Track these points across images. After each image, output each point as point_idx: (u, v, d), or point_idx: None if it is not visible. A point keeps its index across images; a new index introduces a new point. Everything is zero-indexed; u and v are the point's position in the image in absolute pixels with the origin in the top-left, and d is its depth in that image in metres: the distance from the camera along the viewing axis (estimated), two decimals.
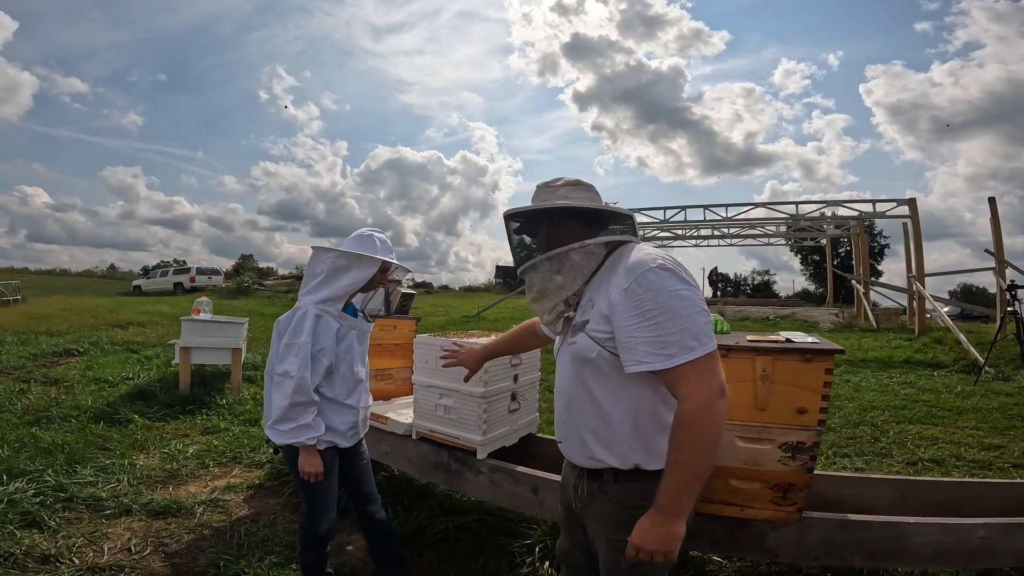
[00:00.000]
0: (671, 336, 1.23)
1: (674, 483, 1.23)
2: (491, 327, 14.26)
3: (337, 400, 2.23)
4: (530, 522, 2.76)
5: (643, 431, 1.35)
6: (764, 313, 18.03)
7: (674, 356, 1.22)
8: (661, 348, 1.23)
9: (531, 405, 3.01)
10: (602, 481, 1.41)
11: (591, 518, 1.47)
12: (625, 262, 1.35)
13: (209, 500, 3.31)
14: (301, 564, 2.31)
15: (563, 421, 1.51)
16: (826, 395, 1.77)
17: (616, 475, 1.39)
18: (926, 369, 8.34)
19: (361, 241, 2.26)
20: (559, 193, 1.49)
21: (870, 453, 4.48)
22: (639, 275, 1.28)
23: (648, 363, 1.25)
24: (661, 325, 1.23)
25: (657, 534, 1.24)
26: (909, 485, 2.29)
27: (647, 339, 1.25)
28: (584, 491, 1.46)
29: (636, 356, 1.26)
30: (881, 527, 1.83)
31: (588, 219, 1.47)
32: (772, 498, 1.86)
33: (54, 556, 2.60)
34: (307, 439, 2.08)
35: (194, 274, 25.74)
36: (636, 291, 1.27)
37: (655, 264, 1.29)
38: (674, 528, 1.24)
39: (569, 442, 1.49)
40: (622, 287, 1.30)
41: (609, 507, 1.40)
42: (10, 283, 21.37)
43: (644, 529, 1.26)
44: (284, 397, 2.05)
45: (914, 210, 14.68)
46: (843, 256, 35.89)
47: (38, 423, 4.67)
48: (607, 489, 1.40)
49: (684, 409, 1.23)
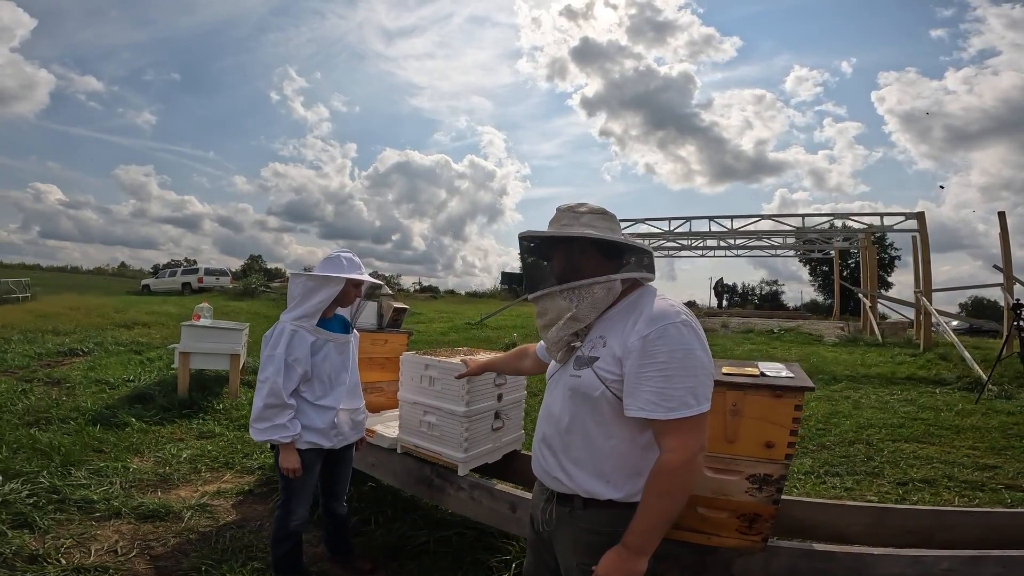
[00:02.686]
0: (676, 391, 1.28)
1: (645, 525, 1.30)
2: (493, 335, 14.30)
3: (315, 402, 2.46)
4: (509, 538, 2.78)
5: (625, 469, 1.39)
6: (769, 325, 17.89)
7: (673, 410, 1.28)
8: (664, 400, 1.28)
9: (515, 423, 3.04)
10: (572, 507, 1.45)
11: (559, 540, 1.51)
12: (648, 309, 1.37)
13: (198, 505, 3.36)
14: (272, 556, 2.52)
15: (545, 445, 1.52)
16: (795, 430, 1.79)
17: (586, 503, 1.43)
18: (928, 386, 8.26)
19: (329, 263, 2.51)
20: (583, 220, 1.47)
21: (862, 472, 4.46)
22: (662, 327, 1.31)
23: (647, 411, 1.30)
24: (670, 379, 1.28)
25: (622, 569, 1.30)
26: (884, 513, 2.29)
27: (653, 389, 1.29)
28: (553, 515, 1.49)
29: (638, 403, 1.31)
30: (845, 557, 1.84)
31: (607, 251, 1.47)
32: (738, 527, 1.88)
33: (42, 556, 2.67)
34: (280, 437, 2.32)
35: (202, 274, 25.90)
36: (655, 341, 1.30)
37: (679, 319, 1.33)
38: (638, 565, 1.30)
39: (546, 465, 1.51)
40: (642, 335, 1.32)
41: (578, 532, 1.44)
42: (20, 280, 21.63)
43: (611, 563, 1.31)
44: (260, 399, 2.32)
45: (923, 224, 14.55)
46: (852, 267, 35.60)
47: (37, 424, 4.75)
48: (576, 515, 1.44)
49: (667, 460, 1.29)
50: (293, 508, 2.44)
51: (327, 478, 2.65)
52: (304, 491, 2.47)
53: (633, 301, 1.43)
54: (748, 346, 13.23)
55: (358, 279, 2.51)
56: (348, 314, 2.72)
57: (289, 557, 2.50)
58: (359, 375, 2.73)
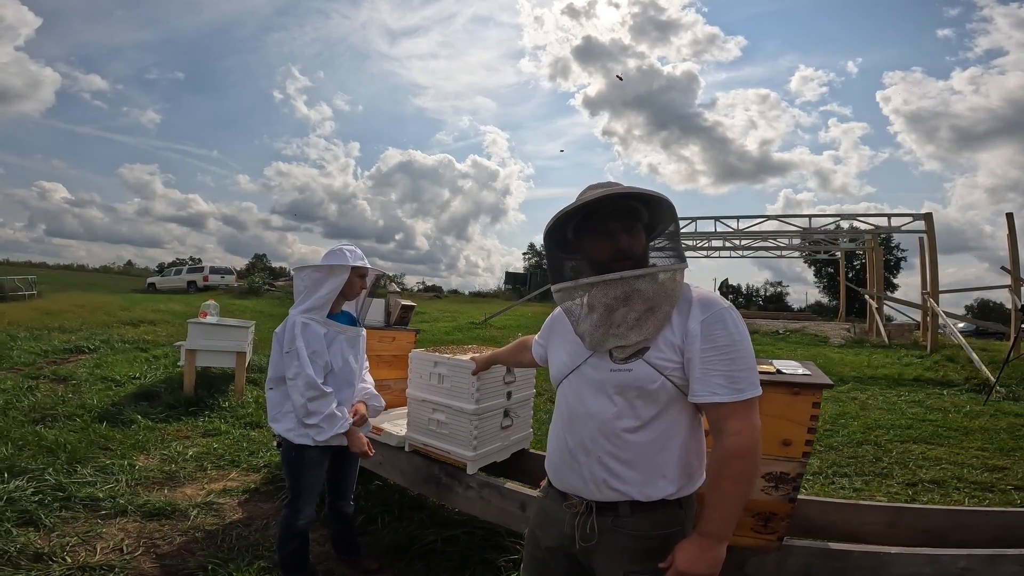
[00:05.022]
0: (741, 373, 1.28)
1: (724, 511, 1.27)
2: (497, 334, 14.28)
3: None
4: (517, 537, 2.76)
5: (683, 463, 1.36)
6: (774, 326, 17.87)
7: (741, 391, 1.27)
8: (732, 382, 1.27)
9: (524, 422, 3.02)
10: (616, 515, 1.35)
11: (602, 553, 1.38)
12: (695, 295, 1.35)
13: (204, 503, 3.34)
14: (279, 554, 2.50)
15: (583, 451, 1.38)
16: (812, 428, 1.76)
17: (632, 507, 1.34)
18: (936, 387, 8.21)
19: (332, 254, 2.51)
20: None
21: (870, 473, 4.43)
22: (717, 311, 1.31)
23: (720, 396, 1.28)
24: (734, 361, 1.28)
25: (707, 560, 1.27)
26: (899, 512, 2.27)
27: (721, 372, 1.28)
28: (593, 528, 1.37)
29: (709, 388, 1.29)
30: (861, 556, 1.81)
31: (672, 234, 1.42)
32: (753, 526, 1.86)
33: (47, 554, 2.65)
34: (338, 429, 2.33)
35: (207, 273, 26.03)
36: (714, 325, 1.29)
37: (726, 305, 1.33)
38: (721, 553, 1.29)
39: (579, 475, 1.38)
40: (699, 318, 1.30)
41: (627, 540, 1.35)
42: (26, 278, 21.74)
43: (692, 555, 1.28)
44: (300, 395, 2.29)
45: (930, 225, 14.50)
46: (858, 269, 35.55)
47: (43, 421, 4.74)
48: (621, 522, 1.35)
49: (737, 443, 1.27)
50: (300, 507, 2.42)
51: (334, 476, 2.63)
52: (311, 490, 2.45)
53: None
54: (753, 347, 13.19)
55: (363, 267, 2.51)
56: (354, 310, 2.71)
57: (296, 556, 2.48)
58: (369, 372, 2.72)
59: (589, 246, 1.40)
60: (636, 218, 1.38)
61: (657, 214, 1.39)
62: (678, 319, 1.33)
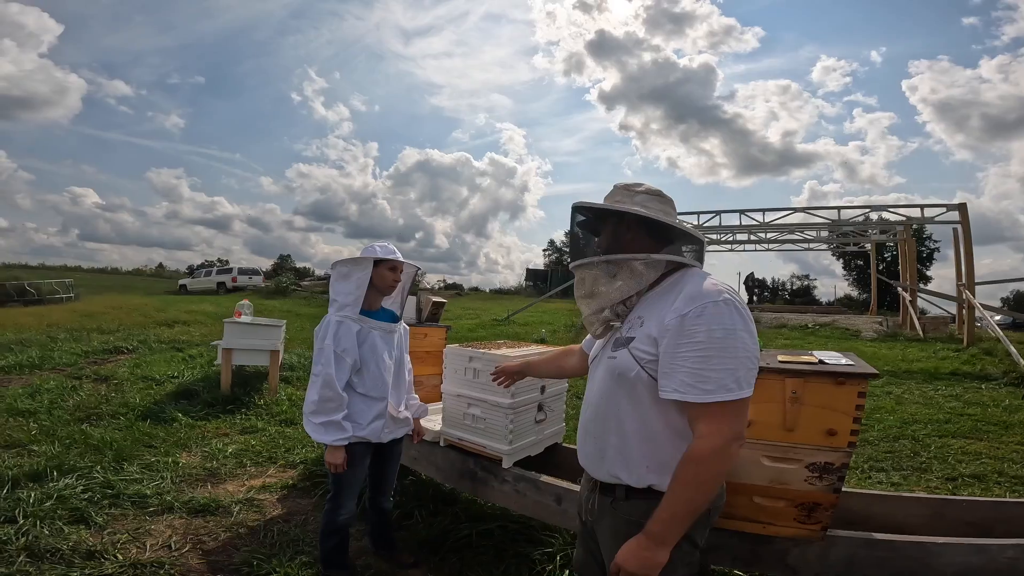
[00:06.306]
0: (713, 372, 1.21)
1: (668, 513, 1.25)
2: (521, 331, 14.32)
3: (368, 395, 2.45)
4: (552, 531, 2.78)
5: (661, 455, 1.34)
6: (803, 320, 17.55)
7: (709, 392, 1.21)
8: (700, 382, 1.22)
9: (557, 415, 3.04)
10: (614, 497, 1.42)
11: (601, 531, 1.48)
12: (688, 288, 1.32)
13: (245, 499, 3.43)
14: (321, 549, 2.54)
15: (587, 432, 1.49)
16: (858, 418, 1.74)
17: (628, 492, 1.39)
18: (974, 381, 8.02)
19: (362, 251, 2.52)
20: (636, 199, 1.44)
21: (908, 468, 4.36)
22: (701, 304, 1.25)
23: (682, 393, 1.24)
24: (708, 360, 1.22)
25: (641, 558, 1.26)
26: (943, 504, 2.23)
27: (689, 370, 1.23)
28: (595, 505, 1.47)
29: (673, 384, 1.26)
30: (907, 546, 1.79)
31: (657, 233, 1.44)
32: (796, 516, 1.85)
33: (99, 552, 2.70)
34: (334, 440, 2.32)
35: (236, 274, 26.59)
36: (694, 320, 1.24)
37: (720, 298, 1.26)
38: (657, 555, 1.25)
39: (589, 454, 1.48)
40: (680, 312, 1.27)
41: (619, 523, 1.41)
42: (64, 282, 22.42)
43: (629, 551, 1.28)
44: (315, 391, 2.32)
45: (964, 215, 14.14)
46: (888, 261, 34.70)
47: (88, 420, 4.91)
48: (618, 505, 1.41)
49: (698, 447, 1.23)
50: (342, 502, 2.45)
51: (375, 473, 2.66)
52: (353, 486, 2.48)
53: (675, 282, 1.39)
54: (782, 341, 13.00)
55: (390, 259, 2.47)
56: (397, 309, 2.71)
57: (336, 551, 2.51)
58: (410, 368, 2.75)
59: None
60: (599, 223, 1.54)
61: (602, 221, 1.54)
62: (661, 312, 1.33)
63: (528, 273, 48.65)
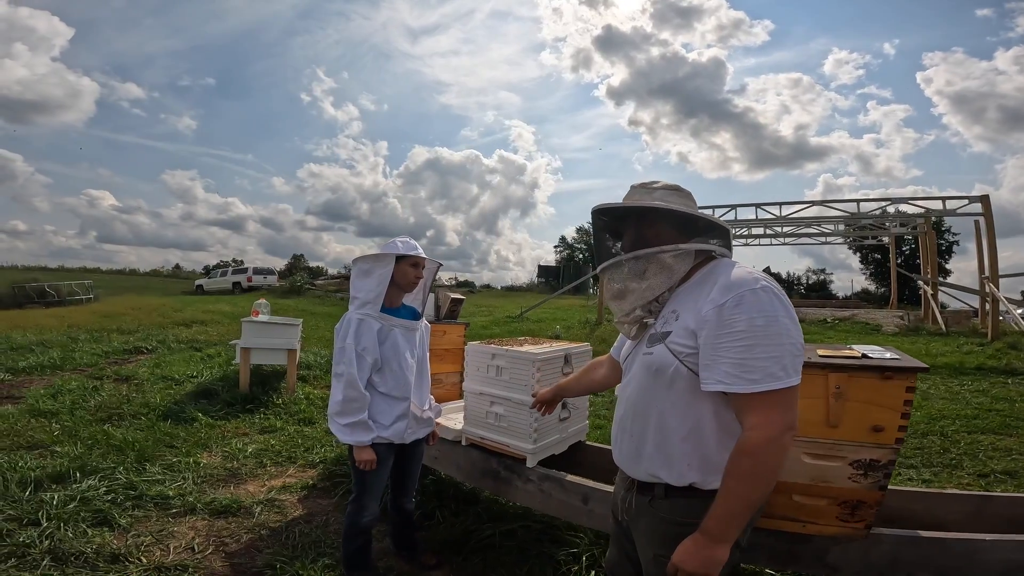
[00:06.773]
0: (758, 361, 1.18)
1: (725, 510, 1.21)
2: (535, 327, 14.28)
3: (390, 395, 2.42)
4: (577, 530, 2.74)
5: (704, 451, 1.30)
6: (821, 315, 17.29)
7: (756, 382, 1.17)
8: (745, 371, 1.18)
9: (581, 413, 2.99)
10: (652, 496, 1.38)
11: (638, 531, 1.45)
12: (723, 278, 1.29)
13: (266, 500, 3.41)
14: (344, 551, 2.51)
15: (623, 431, 1.46)
16: (906, 413, 1.69)
17: (667, 491, 1.36)
18: (1000, 376, 7.84)
19: (384, 247, 2.49)
20: (655, 195, 1.44)
21: (939, 464, 4.26)
22: (738, 293, 1.22)
23: (727, 384, 1.21)
24: (751, 348, 1.18)
25: (700, 557, 1.22)
26: (984, 501, 2.17)
27: (732, 360, 1.20)
28: (632, 504, 1.44)
29: (716, 375, 1.22)
30: (955, 543, 1.74)
31: (681, 226, 1.42)
32: (839, 514, 1.80)
33: (123, 555, 2.67)
34: (360, 441, 2.31)
35: (251, 274, 26.85)
36: (732, 309, 1.21)
37: (758, 285, 1.23)
38: (717, 553, 1.22)
39: (626, 452, 1.45)
40: (717, 303, 1.24)
41: (657, 522, 1.38)
42: (83, 283, 22.75)
43: (687, 551, 1.24)
44: (339, 391, 2.30)
45: (987, 207, 13.83)
46: (907, 254, 34.21)
47: (110, 420, 4.93)
48: (656, 504, 1.38)
49: (750, 439, 1.19)
50: (365, 504, 2.42)
51: (398, 474, 2.62)
52: (376, 487, 2.44)
53: (707, 272, 1.36)
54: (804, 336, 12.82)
55: (412, 255, 2.44)
56: (419, 306, 2.67)
57: (359, 553, 2.48)
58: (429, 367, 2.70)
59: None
60: (621, 223, 1.52)
61: (624, 222, 1.52)
62: (697, 303, 1.30)
63: (540, 270, 48.52)
